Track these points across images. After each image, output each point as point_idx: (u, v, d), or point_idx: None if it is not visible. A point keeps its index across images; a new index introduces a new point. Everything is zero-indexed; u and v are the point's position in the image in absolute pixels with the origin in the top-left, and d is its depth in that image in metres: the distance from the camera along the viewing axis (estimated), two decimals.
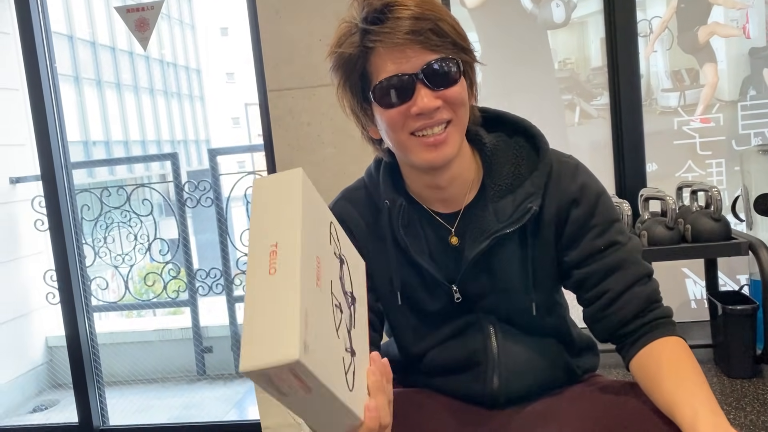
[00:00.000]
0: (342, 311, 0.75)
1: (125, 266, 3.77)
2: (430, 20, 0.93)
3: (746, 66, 2.75)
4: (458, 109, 0.97)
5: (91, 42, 16.33)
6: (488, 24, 2.90)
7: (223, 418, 3.48)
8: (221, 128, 25.23)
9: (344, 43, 0.97)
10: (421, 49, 0.93)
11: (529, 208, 1.00)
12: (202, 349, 4.16)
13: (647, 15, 2.79)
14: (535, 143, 1.06)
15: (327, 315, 0.71)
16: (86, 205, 3.46)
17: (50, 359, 4.22)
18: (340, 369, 0.71)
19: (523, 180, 1.03)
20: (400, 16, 0.92)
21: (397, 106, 0.95)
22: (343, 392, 0.70)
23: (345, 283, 0.79)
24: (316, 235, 0.73)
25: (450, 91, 0.95)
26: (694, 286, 2.82)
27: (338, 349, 0.72)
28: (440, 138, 0.95)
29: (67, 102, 14.29)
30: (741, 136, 2.77)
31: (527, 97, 2.86)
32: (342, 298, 0.77)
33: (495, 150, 1.06)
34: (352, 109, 1.03)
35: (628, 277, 1.01)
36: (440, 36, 0.94)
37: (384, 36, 0.92)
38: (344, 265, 0.80)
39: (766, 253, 2.17)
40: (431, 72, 0.93)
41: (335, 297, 0.74)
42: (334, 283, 0.75)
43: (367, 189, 1.10)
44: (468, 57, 0.99)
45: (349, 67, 0.98)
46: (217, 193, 3.54)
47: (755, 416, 1.92)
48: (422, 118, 0.94)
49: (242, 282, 3.68)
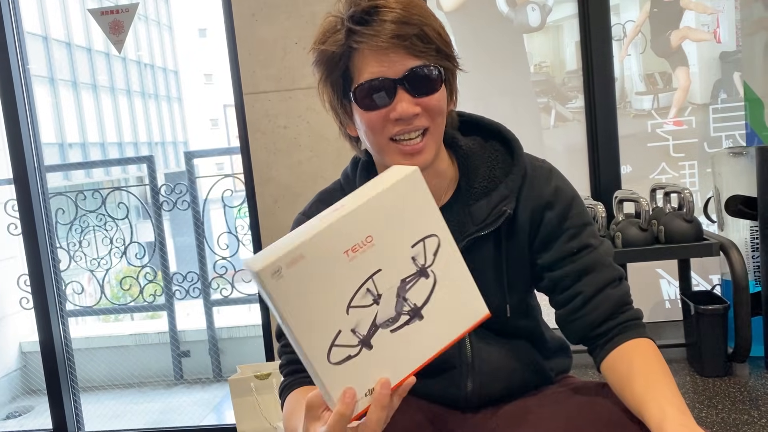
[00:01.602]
0: (378, 305, 0.75)
1: (101, 270, 3.73)
2: (416, 25, 0.93)
3: (717, 70, 2.80)
4: (436, 117, 0.97)
5: (66, 43, 16.12)
6: (465, 27, 2.92)
7: (200, 423, 3.45)
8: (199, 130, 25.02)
9: (328, 40, 0.97)
10: (405, 54, 0.93)
11: (504, 211, 1.02)
12: (179, 353, 4.13)
13: (621, 19, 2.83)
14: (510, 147, 1.07)
15: (339, 285, 0.73)
16: (61, 208, 3.41)
17: (24, 365, 4.16)
18: (324, 333, 0.73)
19: (498, 183, 1.04)
20: (386, 18, 0.92)
21: (377, 109, 0.95)
22: (312, 352, 0.72)
23: (409, 292, 0.77)
24: (389, 224, 0.75)
25: (430, 99, 0.96)
26: (668, 286, 2.86)
27: (336, 318, 0.73)
28: (417, 147, 0.96)
29: (42, 104, 14.10)
30: (713, 138, 2.82)
31: (503, 100, 2.88)
32: (390, 296, 0.76)
33: (470, 153, 1.07)
34: (332, 104, 1.03)
35: (599, 280, 1.02)
36: (425, 42, 0.94)
37: (369, 38, 0.92)
38: (425, 278, 0.78)
39: (736, 254, 2.21)
40: (413, 78, 0.94)
41: (375, 286, 0.75)
42: (384, 277, 0.75)
43: (343, 190, 1.10)
44: (450, 64, 1.00)
45: (332, 64, 0.98)
46: (194, 196, 3.52)
47: (726, 414, 1.95)
48: (401, 124, 0.95)
49: (219, 286, 3.66)
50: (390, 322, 0.76)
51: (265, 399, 2.00)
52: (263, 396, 2.00)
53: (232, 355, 4.06)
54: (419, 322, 0.78)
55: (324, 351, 0.73)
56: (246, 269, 0.73)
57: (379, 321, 0.76)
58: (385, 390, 0.75)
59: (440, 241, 0.79)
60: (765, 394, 2.08)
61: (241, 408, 2.02)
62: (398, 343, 0.77)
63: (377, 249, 0.75)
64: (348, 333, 0.74)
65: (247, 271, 0.73)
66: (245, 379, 2.05)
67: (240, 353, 4.00)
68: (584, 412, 0.98)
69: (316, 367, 0.73)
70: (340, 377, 0.74)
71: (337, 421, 0.74)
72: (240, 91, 2.31)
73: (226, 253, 3.42)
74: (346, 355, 0.74)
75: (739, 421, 1.90)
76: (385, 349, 0.76)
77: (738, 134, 2.80)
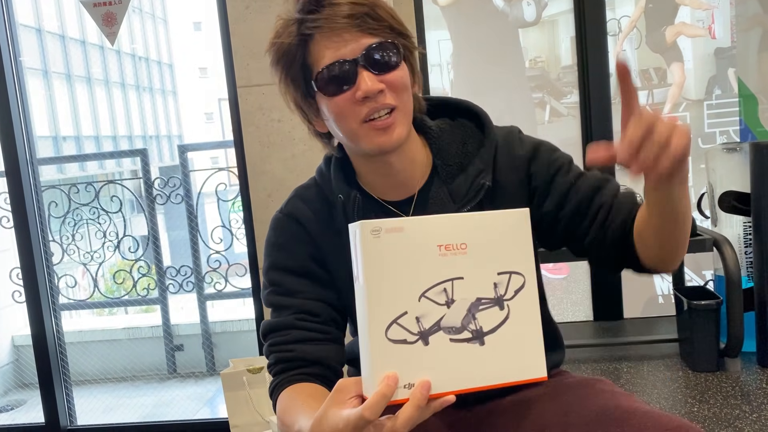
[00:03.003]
0: (448, 308, 0.77)
1: (94, 264, 3.72)
2: (366, 5, 0.94)
3: (712, 66, 2.80)
4: (401, 93, 0.97)
5: (60, 35, 16.03)
6: (460, 22, 2.91)
7: (193, 417, 3.45)
8: (194, 123, 24.97)
9: (282, 35, 0.97)
10: (359, 33, 0.93)
11: (482, 184, 1.02)
12: (172, 347, 4.12)
13: (616, 14, 2.83)
14: (479, 121, 1.08)
15: (422, 271, 0.76)
16: (54, 201, 3.39)
17: (16, 358, 4.15)
18: (392, 306, 0.75)
19: (472, 157, 1.05)
20: (335, 1, 0.93)
21: (342, 92, 0.94)
22: (375, 319, 0.74)
23: (481, 313, 0.78)
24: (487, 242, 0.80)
25: (392, 75, 0.95)
26: (662, 281, 2.87)
27: (407, 299, 0.75)
28: (388, 121, 0.95)
29: (35, 96, 14.03)
30: (707, 134, 2.82)
31: (498, 94, 2.88)
32: (461, 307, 0.77)
33: (441, 133, 1.07)
34: (296, 103, 1.03)
35: (610, 190, 1.02)
36: (377, 20, 0.94)
37: (322, 22, 0.92)
38: (499, 309, 0.79)
39: (729, 250, 2.21)
40: (372, 56, 0.94)
41: (452, 290, 0.77)
42: (463, 287, 0.78)
43: (319, 186, 1.10)
44: (407, 42, 1.00)
45: (289, 59, 0.98)
46: (187, 190, 3.50)
47: (718, 409, 1.96)
48: (368, 102, 0.94)
49: (213, 280, 3.66)
50: (452, 331, 0.77)
51: (258, 393, 1.99)
52: (255, 390, 2.00)
53: (225, 349, 4.05)
54: (478, 347, 0.78)
55: (385, 323, 0.74)
56: (351, 227, 0.78)
57: (443, 324, 0.76)
58: (425, 392, 0.74)
59: (525, 283, 0.80)
60: (756, 389, 2.09)
61: (233, 402, 2.02)
62: (452, 355, 0.77)
63: (467, 258, 0.78)
64: (412, 318, 0.75)
65: (351, 228, 0.78)
66: (237, 373, 2.04)
67: (233, 347, 4.00)
68: (581, 406, 0.98)
69: (372, 335, 0.74)
70: (388, 357, 0.74)
71: (376, 402, 0.73)
72: (234, 84, 2.30)
73: (220, 247, 3.41)
74: (403, 338, 0.75)
75: (731, 416, 1.90)
76: (439, 353, 0.76)
77: (732, 130, 2.80)
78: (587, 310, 2.96)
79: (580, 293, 2.97)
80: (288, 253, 1.07)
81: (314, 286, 1.05)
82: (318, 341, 1.03)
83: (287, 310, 1.04)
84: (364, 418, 0.73)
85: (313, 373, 1.01)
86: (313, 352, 1.02)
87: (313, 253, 1.06)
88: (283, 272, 1.06)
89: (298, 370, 1.01)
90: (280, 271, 1.07)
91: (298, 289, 1.05)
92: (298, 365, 1.01)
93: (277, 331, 1.04)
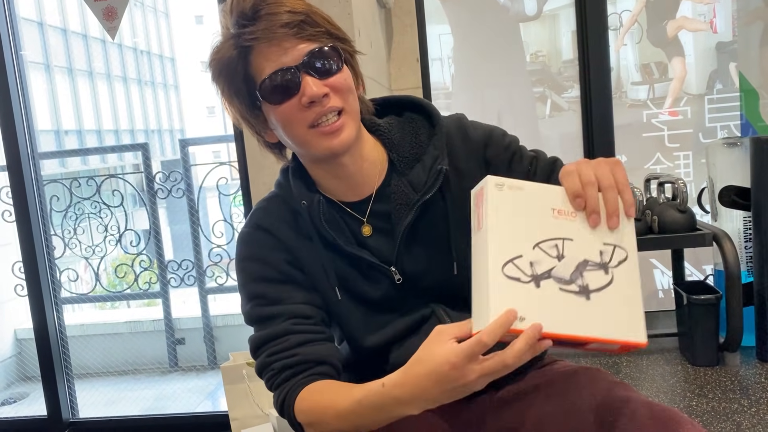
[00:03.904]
0: (559, 261, 0.82)
1: (96, 258, 3.73)
2: (301, 12, 0.94)
3: (713, 60, 2.80)
4: (347, 96, 0.98)
5: (62, 29, 16.01)
6: (461, 16, 2.91)
7: (195, 410, 3.47)
8: (196, 118, 24.94)
9: (220, 50, 0.98)
10: (297, 40, 0.94)
11: (440, 169, 1.03)
12: (174, 340, 4.14)
13: (617, 8, 2.82)
14: (426, 112, 1.10)
15: (538, 225, 0.84)
16: (55, 195, 3.40)
17: (19, 352, 4.17)
18: (509, 248, 0.82)
19: (426, 147, 1.07)
20: (270, 12, 0.93)
21: (287, 100, 0.95)
22: (494, 256, 0.80)
23: (587, 272, 0.83)
24: None
25: (335, 78, 0.96)
26: (662, 276, 2.87)
27: (523, 245, 0.82)
28: (336, 125, 0.96)
29: (37, 90, 14.03)
30: (707, 129, 2.82)
31: (499, 89, 2.88)
32: (570, 263, 0.82)
33: (391, 128, 1.09)
34: (243, 116, 1.02)
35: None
36: (314, 26, 0.95)
37: (260, 33, 0.93)
38: (604, 273, 0.83)
39: (729, 244, 2.21)
40: (313, 61, 0.94)
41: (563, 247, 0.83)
42: (573, 247, 0.83)
43: (280, 197, 1.09)
44: (346, 46, 1.00)
45: (230, 72, 0.98)
46: (189, 184, 3.51)
47: (717, 403, 1.96)
48: (315, 107, 0.95)
49: (214, 274, 3.67)
50: (562, 281, 0.81)
51: (258, 386, 2.00)
52: (255, 383, 2.01)
53: (226, 342, 4.07)
54: (585, 300, 0.82)
55: (502, 261, 0.81)
56: (481, 182, 0.87)
57: (554, 274, 0.82)
58: (537, 331, 0.76)
59: (628, 258, 0.85)
60: (755, 383, 2.09)
61: (233, 395, 2.03)
62: (560, 301, 0.81)
63: (577, 224, 0.85)
64: (526, 262, 0.81)
65: (479, 184, 0.87)
66: (238, 366, 2.05)
67: (235, 341, 4.01)
68: (577, 395, 0.98)
69: (491, 270, 0.80)
70: (504, 291, 0.79)
71: (495, 329, 0.75)
72: None
73: (221, 241, 3.43)
74: (517, 277, 0.80)
75: (730, 410, 1.91)
76: (548, 297, 0.80)
77: (733, 125, 2.80)
78: None
79: None
80: (264, 263, 1.05)
81: (298, 290, 1.04)
82: (318, 342, 1.03)
83: (278, 318, 1.03)
84: (482, 342, 0.76)
85: (323, 372, 1.00)
86: (317, 353, 1.01)
87: (289, 259, 1.05)
88: (264, 283, 1.05)
89: (308, 372, 1.00)
90: (260, 282, 1.05)
91: (283, 296, 1.04)
92: (307, 367, 1.00)
93: (272, 340, 1.02)
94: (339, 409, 0.93)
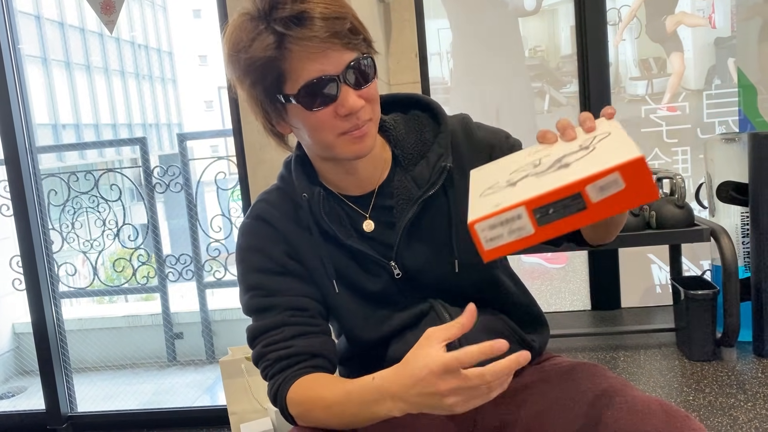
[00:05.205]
0: (535, 167, 0.83)
1: (94, 252, 3.72)
2: (346, 19, 0.92)
3: (711, 55, 2.80)
4: (375, 105, 0.98)
5: (59, 22, 15.96)
6: (460, 10, 2.90)
7: (193, 404, 3.47)
8: (194, 112, 24.90)
9: (254, 45, 0.92)
10: (341, 49, 0.92)
11: (444, 166, 1.04)
12: (172, 335, 4.14)
13: (616, 4, 2.82)
14: (431, 110, 1.10)
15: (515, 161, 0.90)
16: (53, 189, 3.39)
17: (17, 346, 4.17)
18: (486, 185, 0.87)
19: (430, 144, 1.07)
20: (315, 16, 0.90)
21: (323, 107, 0.93)
22: (473, 194, 0.87)
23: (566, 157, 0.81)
24: None
25: (369, 88, 0.96)
26: (659, 271, 2.87)
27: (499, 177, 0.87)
28: (364, 130, 0.96)
29: (35, 84, 13.99)
30: (706, 124, 2.82)
31: (498, 84, 2.87)
32: (547, 162, 0.83)
33: (396, 125, 1.09)
34: (262, 105, 0.99)
35: None
36: (356, 34, 0.94)
37: (306, 40, 0.89)
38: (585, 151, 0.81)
39: (727, 240, 2.22)
40: (354, 72, 0.94)
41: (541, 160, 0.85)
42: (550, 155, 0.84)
43: (282, 189, 1.09)
44: (374, 50, 1.00)
45: (264, 70, 0.93)
46: (187, 178, 3.51)
47: (714, 397, 1.97)
48: (351, 119, 0.94)
49: (212, 268, 3.67)
50: (539, 174, 0.81)
51: (256, 380, 2.00)
52: (254, 377, 2.01)
53: (225, 337, 4.07)
54: (564, 168, 0.79)
55: (480, 192, 0.86)
56: None
57: (531, 173, 0.82)
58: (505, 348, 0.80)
59: (611, 134, 0.82)
60: (752, 378, 2.10)
61: (231, 389, 2.03)
62: (540, 180, 0.79)
63: (554, 147, 0.86)
64: (503, 181, 0.85)
65: None
66: (236, 360, 2.05)
67: (233, 335, 4.01)
68: (575, 390, 0.99)
69: (471, 199, 0.85)
70: (483, 204, 0.81)
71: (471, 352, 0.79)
72: None
73: (219, 236, 3.42)
74: (492, 187, 0.85)
75: (726, 405, 1.92)
76: (527, 183, 0.80)
77: (731, 120, 2.80)
78: (585, 299, 2.97)
79: (578, 282, 2.98)
80: (263, 254, 1.05)
81: (296, 282, 1.05)
82: (313, 334, 1.03)
83: (274, 309, 1.03)
84: (460, 360, 0.79)
85: (316, 365, 1.01)
86: (312, 346, 1.01)
87: (288, 251, 1.05)
88: (263, 274, 1.05)
89: (302, 364, 1.00)
90: (259, 273, 1.05)
91: (282, 288, 1.04)
92: (301, 359, 1.00)
93: (268, 331, 1.03)
94: (328, 401, 0.94)
